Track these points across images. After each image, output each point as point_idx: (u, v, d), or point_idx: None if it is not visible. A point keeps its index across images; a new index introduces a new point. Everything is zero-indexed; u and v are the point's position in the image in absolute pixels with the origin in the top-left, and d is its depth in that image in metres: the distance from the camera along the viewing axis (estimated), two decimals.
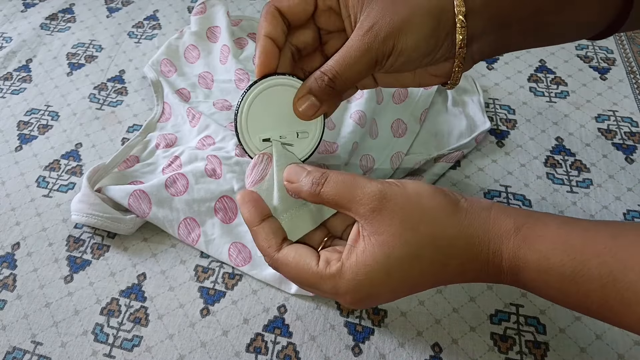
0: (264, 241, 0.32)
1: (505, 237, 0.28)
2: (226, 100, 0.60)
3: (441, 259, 0.29)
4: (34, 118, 0.62)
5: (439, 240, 0.28)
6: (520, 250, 0.28)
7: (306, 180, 0.32)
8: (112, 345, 0.43)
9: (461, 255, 0.29)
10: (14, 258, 0.49)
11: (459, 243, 0.29)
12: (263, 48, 0.33)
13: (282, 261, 0.31)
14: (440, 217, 0.29)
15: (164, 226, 0.48)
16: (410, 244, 0.28)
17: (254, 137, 0.36)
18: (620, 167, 0.53)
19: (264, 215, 0.33)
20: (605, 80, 0.62)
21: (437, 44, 0.32)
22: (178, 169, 0.51)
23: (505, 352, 0.41)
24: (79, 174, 0.55)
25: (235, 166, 0.49)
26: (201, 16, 0.67)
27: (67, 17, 0.76)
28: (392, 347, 0.41)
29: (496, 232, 0.28)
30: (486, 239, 0.28)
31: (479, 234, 0.28)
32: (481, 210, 0.29)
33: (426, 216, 0.29)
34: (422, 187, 0.30)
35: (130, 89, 0.65)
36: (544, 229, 0.28)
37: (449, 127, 0.56)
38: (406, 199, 0.29)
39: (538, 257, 0.27)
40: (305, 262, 0.30)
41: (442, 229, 0.29)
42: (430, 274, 0.29)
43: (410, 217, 0.29)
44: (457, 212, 0.29)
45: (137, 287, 0.46)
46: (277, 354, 0.42)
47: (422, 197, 0.29)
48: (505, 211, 0.29)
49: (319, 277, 0.30)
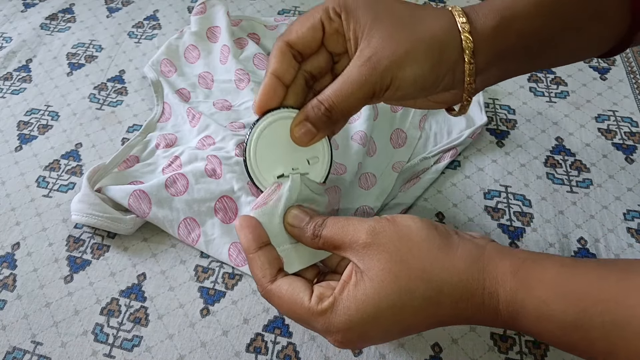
0: (259, 270, 0.32)
1: (501, 278, 0.27)
2: (226, 100, 0.60)
3: (433, 295, 0.28)
4: (34, 118, 0.62)
5: (430, 275, 0.28)
6: (518, 295, 0.27)
7: (308, 227, 0.32)
8: (112, 345, 0.43)
9: (454, 294, 0.28)
10: (14, 258, 0.49)
11: (452, 280, 0.28)
12: (265, 86, 0.32)
13: (274, 293, 0.31)
14: (431, 251, 0.28)
15: (164, 226, 0.48)
16: (401, 278, 0.28)
17: (267, 175, 0.35)
18: (620, 167, 0.53)
19: (261, 242, 0.32)
20: (605, 80, 0.62)
21: (437, 79, 0.31)
22: (178, 169, 0.51)
23: (505, 352, 0.41)
24: (79, 174, 0.55)
25: (235, 166, 0.49)
26: (201, 16, 0.67)
27: (67, 17, 0.76)
28: (392, 347, 0.41)
29: (492, 272, 0.27)
30: (481, 279, 0.27)
31: (473, 272, 0.28)
32: (474, 248, 0.28)
33: (416, 250, 0.28)
34: (413, 220, 0.30)
35: (130, 89, 0.65)
36: (543, 273, 0.27)
37: (449, 126, 0.56)
38: (396, 233, 0.29)
39: (537, 304, 0.26)
40: (299, 296, 0.30)
41: (433, 263, 0.28)
42: (423, 312, 0.28)
43: (399, 251, 0.28)
44: (449, 246, 0.28)
45: (137, 287, 0.46)
46: (277, 354, 0.42)
47: (412, 231, 0.29)
48: (501, 251, 0.28)
49: (310, 313, 0.29)
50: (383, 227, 0.29)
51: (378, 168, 0.52)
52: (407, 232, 0.29)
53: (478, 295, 0.27)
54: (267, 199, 0.34)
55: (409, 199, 0.50)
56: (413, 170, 0.53)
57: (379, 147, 0.53)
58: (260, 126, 0.34)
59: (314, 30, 0.32)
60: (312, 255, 0.34)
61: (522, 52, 0.32)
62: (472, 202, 0.51)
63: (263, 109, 0.33)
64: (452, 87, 0.32)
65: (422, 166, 0.53)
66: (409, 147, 0.54)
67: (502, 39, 0.31)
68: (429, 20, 0.31)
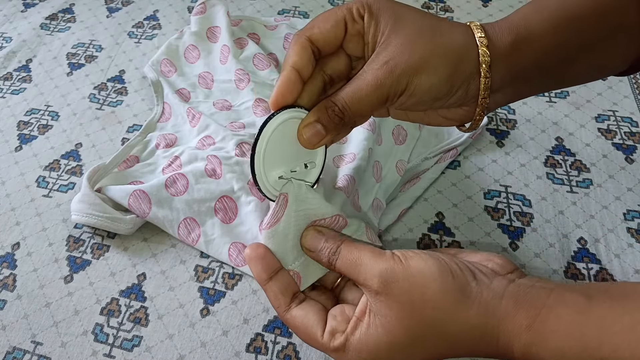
0: (274, 300, 0.33)
1: (516, 333, 0.27)
2: (226, 100, 0.60)
3: (446, 345, 0.28)
4: (34, 118, 0.62)
5: (443, 328, 0.28)
6: (532, 348, 0.27)
7: (323, 253, 0.32)
8: (112, 345, 0.43)
9: (467, 345, 0.28)
10: (14, 258, 0.49)
11: (466, 333, 0.28)
12: (284, 79, 0.31)
13: (291, 323, 0.32)
14: (445, 304, 0.28)
15: (164, 226, 0.48)
16: (414, 329, 0.28)
17: (269, 176, 0.34)
18: (620, 167, 0.53)
19: (272, 271, 0.33)
20: (605, 80, 0.62)
21: (451, 90, 0.31)
22: (178, 169, 0.51)
23: None
24: (79, 174, 0.55)
25: (236, 166, 0.49)
26: (201, 16, 0.67)
27: (67, 17, 0.76)
28: None
29: (506, 326, 0.27)
30: (495, 333, 0.27)
31: (487, 326, 0.27)
32: (492, 299, 0.28)
33: (430, 302, 0.28)
34: (427, 267, 0.29)
35: (130, 89, 0.65)
36: (557, 322, 0.26)
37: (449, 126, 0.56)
38: (408, 282, 0.28)
39: (552, 355, 0.26)
40: (312, 330, 0.31)
41: (447, 316, 0.28)
42: (436, 355, 0.29)
43: (412, 303, 0.28)
44: (465, 298, 0.28)
45: (137, 287, 0.46)
46: (277, 354, 0.42)
47: (427, 279, 0.28)
48: (518, 302, 0.28)
49: (324, 348, 0.30)
50: (395, 276, 0.28)
51: (384, 160, 0.52)
52: (421, 280, 0.28)
53: (493, 347, 0.28)
54: (277, 216, 0.34)
55: (408, 200, 0.50)
56: (414, 171, 0.53)
57: (384, 139, 0.54)
58: (275, 123, 0.32)
59: (337, 28, 0.32)
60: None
61: (536, 72, 0.32)
62: (472, 202, 0.51)
63: (280, 103, 0.32)
64: (465, 102, 0.32)
65: (423, 167, 0.53)
66: (408, 145, 0.54)
67: (518, 55, 0.31)
68: (447, 31, 0.31)
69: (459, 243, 0.48)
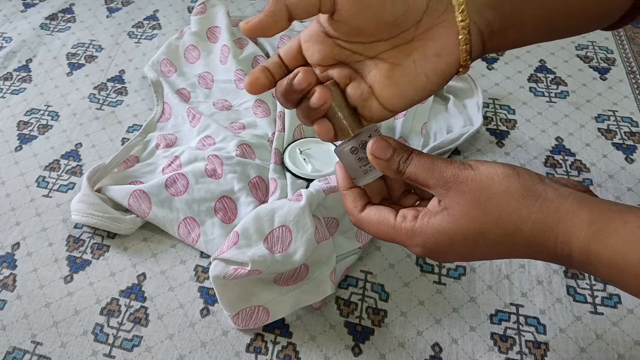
0: (351, 203, 0.34)
1: (576, 229, 0.27)
2: (226, 100, 0.60)
3: (507, 240, 0.29)
4: (34, 118, 0.61)
5: (505, 223, 0.29)
6: (591, 244, 0.27)
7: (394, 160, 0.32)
8: (112, 345, 0.43)
9: (527, 240, 0.29)
10: (14, 258, 0.49)
11: (525, 228, 0.29)
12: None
13: (365, 219, 0.33)
14: (510, 202, 0.29)
15: (164, 226, 0.48)
16: (476, 222, 0.29)
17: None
18: (620, 167, 0.53)
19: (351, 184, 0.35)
20: (605, 80, 0.62)
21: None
22: (178, 169, 0.51)
23: (505, 352, 0.41)
24: (79, 174, 0.55)
25: (237, 166, 0.49)
26: (201, 16, 0.67)
27: (67, 17, 0.76)
28: (392, 347, 0.41)
29: (567, 223, 0.28)
30: (555, 229, 0.28)
31: (548, 222, 0.28)
32: (556, 198, 0.29)
33: (495, 200, 0.29)
34: (497, 170, 0.30)
35: (130, 89, 0.65)
36: (623, 225, 0.26)
37: (449, 127, 0.56)
38: (478, 182, 0.29)
39: (611, 253, 0.26)
40: (385, 217, 0.32)
41: (510, 212, 0.29)
42: (495, 250, 0.30)
43: (478, 199, 0.29)
44: (528, 197, 0.29)
45: (137, 287, 0.46)
46: (277, 354, 0.42)
47: (494, 181, 0.29)
48: (583, 202, 0.28)
49: (395, 229, 0.32)
50: (466, 178, 0.30)
51: None
52: (488, 183, 0.29)
53: (551, 243, 0.28)
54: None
55: None
56: None
57: None
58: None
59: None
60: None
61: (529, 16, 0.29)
62: None
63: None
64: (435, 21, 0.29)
65: None
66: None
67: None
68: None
69: None
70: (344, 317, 0.43)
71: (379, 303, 0.44)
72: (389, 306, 0.44)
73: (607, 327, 0.42)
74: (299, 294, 0.42)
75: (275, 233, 0.41)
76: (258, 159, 0.52)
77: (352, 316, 0.43)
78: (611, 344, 0.41)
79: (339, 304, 0.44)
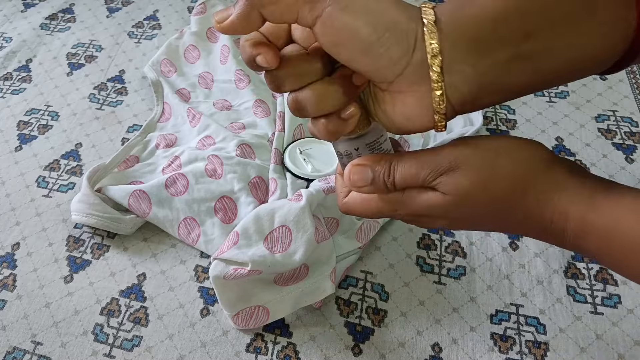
0: (340, 187, 0.33)
1: (576, 199, 0.27)
2: (226, 100, 0.60)
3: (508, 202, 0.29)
4: (34, 118, 0.61)
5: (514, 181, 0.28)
6: (588, 215, 0.27)
7: (377, 180, 0.30)
8: (112, 345, 0.43)
9: (526, 210, 0.29)
10: (14, 258, 0.49)
11: (531, 193, 0.28)
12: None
13: (350, 202, 0.32)
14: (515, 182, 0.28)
15: (164, 226, 0.48)
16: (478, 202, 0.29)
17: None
18: (620, 167, 0.53)
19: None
20: (605, 80, 0.62)
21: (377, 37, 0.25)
22: (178, 169, 0.51)
23: (505, 352, 0.41)
24: (79, 174, 0.55)
25: (237, 166, 0.49)
26: (201, 16, 0.67)
27: (67, 17, 0.76)
28: (392, 347, 0.41)
29: (568, 193, 0.28)
30: (556, 199, 0.28)
31: (551, 191, 0.28)
32: (563, 168, 0.29)
33: (498, 176, 0.28)
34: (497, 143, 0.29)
35: (130, 89, 0.65)
36: (619, 198, 0.27)
37: (449, 127, 0.56)
38: (481, 158, 0.28)
39: (605, 222, 0.26)
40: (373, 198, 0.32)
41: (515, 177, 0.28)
42: (492, 222, 0.30)
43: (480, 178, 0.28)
44: (540, 160, 0.29)
45: (137, 287, 0.46)
46: (277, 354, 0.42)
47: (499, 155, 0.29)
48: (587, 177, 0.28)
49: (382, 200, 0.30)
50: (466, 158, 0.28)
51: None
52: (494, 157, 0.29)
53: (548, 213, 0.28)
54: None
55: None
56: None
57: None
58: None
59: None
60: None
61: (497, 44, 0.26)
62: None
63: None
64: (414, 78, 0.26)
65: None
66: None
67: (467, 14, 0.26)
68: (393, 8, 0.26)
69: (459, 243, 0.48)
70: (344, 317, 0.43)
71: (379, 303, 0.44)
72: (389, 306, 0.44)
73: (607, 327, 0.42)
74: (299, 294, 0.42)
75: (275, 233, 0.41)
76: (258, 159, 0.52)
77: (352, 316, 0.43)
78: (611, 344, 0.41)
79: (339, 304, 0.44)
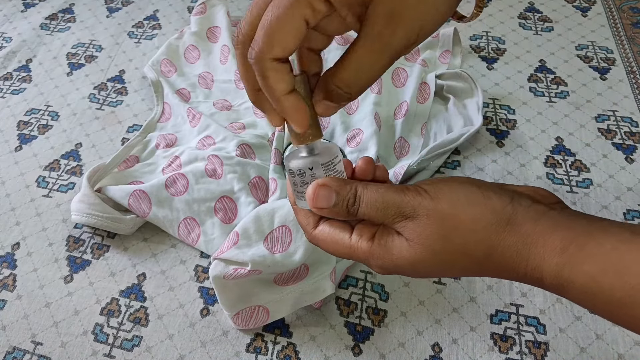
0: (303, 219, 0.33)
1: (548, 255, 0.26)
2: (226, 100, 0.60)
3: (475, 267, 0.28)
4: (34, 118, 0.62)
5: (473, 252, 0.28)
6: (564, 271, 0.26)
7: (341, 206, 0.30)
8: (112, 345, 0.43)
9: (497, 266, 0.28)
10: (14, 258, 0.49)
11: (495, 254, 0.27)
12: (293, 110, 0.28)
13: (319, 237, 0.32)
14: (476, 229, 0.27)
15: (164, 226, 0.48)
16: (441, 253, 0.28)
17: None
18: (620, 167, 0.53)
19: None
20: (605, 80, 0.62)
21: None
22: (178, 169, 0.51)
23: (505, 352, 0.41)
24: (79, 174, 0.55)
25: (237, 166, 0.49)
26: (201, 16, 0.67)
27: (67, 17, 0.76)
28: (392, 347, 0.41)
29: (538, 249, 0.26)
30: (525, 255, 0.27)
31: (519, 248, 0.27)
32: (527, 222, 0.27)
33: (460, 229, 0.28)
34: (459, 196, 0.28)
35: (130, 89, 0.65)
36: (597, 248, 0.25)
37: (449, 127, 0.56)
38: (440, 213, 0.28)
39: (585, 280, 0.25)
40: (340, 236, 0.31)
41: (477, 240, 0.27)
42: (463, 274, 0.30)
43: (442, 231, 0.28)
44: (497, 223, 0.27)
45: (137, 287, 0.46)
46: (277, 354, 0.42)
47: (458, 210, 0.28)
48: (556, 225, 0.27)
49: (352, 249, 0.31)
50: (426, 209, 0.28)
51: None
52: (451, 212, 0.28)
53: (522, 268, 0.27)
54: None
55: None
56: (409, 173, 0.53)
57: (383, 159, 0.53)
58: None
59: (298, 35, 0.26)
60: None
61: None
62: None
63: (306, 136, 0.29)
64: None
65: (420, 167, 0.53)
66: (413, 153, 0.54)
67: None
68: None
69: None
70: (344, 317, 0.43)
71: (379, 303, 0.44)
72: (389, 306, 0.44)
73: (607, 327, 0.42)
74: (299, 294, 0.42)
75: (275, 233, 0.41)
76: (258, 159, 0.52)
77: (352, 316, 0.43)
78: (611, 344, 0.41)
79: (339, 304, 0.44)
